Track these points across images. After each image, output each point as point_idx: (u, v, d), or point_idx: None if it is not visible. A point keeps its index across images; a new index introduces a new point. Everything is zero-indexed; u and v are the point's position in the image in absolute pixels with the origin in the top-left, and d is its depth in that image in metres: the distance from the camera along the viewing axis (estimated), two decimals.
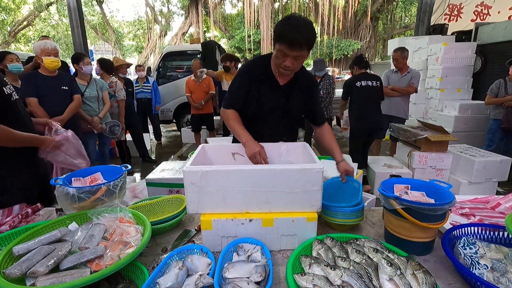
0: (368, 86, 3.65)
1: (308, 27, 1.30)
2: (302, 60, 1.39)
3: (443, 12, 7.02)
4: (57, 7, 18.20)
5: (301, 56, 1.35)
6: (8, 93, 1.50)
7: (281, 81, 1.55)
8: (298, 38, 1.28)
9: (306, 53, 1.35)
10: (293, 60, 1.36)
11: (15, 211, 1.43)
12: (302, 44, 1.30)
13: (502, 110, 3.83)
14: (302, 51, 1.32)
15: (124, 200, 1.44)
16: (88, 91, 3.40)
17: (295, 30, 1.28)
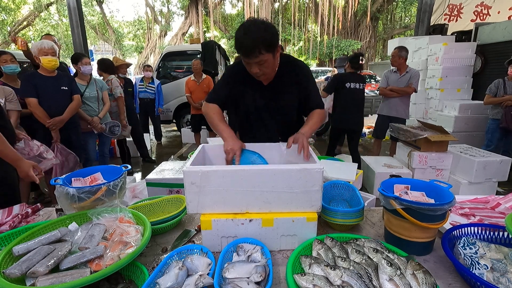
0: (356, 89, 3.88)
1: (259, 28, 1.26)
2: (268, 63, 1.34)
3: (443, 12, 7.02)
4: (57, 7, 18.21)
5: (263, 61, 1.31)
6: None
7: (264, 81, 1.53)
8: (248, 45, 1.26)
9: (267, 56, 1.30)
10: (258, 65, 1.33)
11: (15, 211, 1.43)
12: (254, 49, 1.26)
13: (500, 110, 3.82)
14: (260, 56, 1.28)
15: (124, 200, 1.44)
16: (88, 91, 3.40)
17: (244, 37, 1.26)
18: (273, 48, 1.31)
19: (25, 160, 1.59)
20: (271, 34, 1.29)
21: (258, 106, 1.56)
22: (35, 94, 2.71)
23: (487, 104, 4.03)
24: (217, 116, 1.50)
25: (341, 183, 1.57)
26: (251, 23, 1.28)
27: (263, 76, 1.43)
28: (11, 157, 1.54)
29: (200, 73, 5.26)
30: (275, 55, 1.36)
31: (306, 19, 20.51)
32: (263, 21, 1.30)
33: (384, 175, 3.16)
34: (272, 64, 1.38)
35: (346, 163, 3.20)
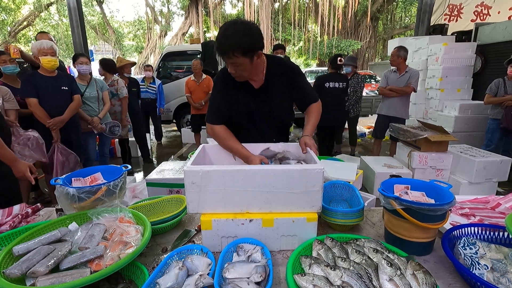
0: (335, 88, 4.19)
1: (238, 31, 1.25)
2: (244, 67, 1.34)
3: (443, 12, 7.01)
4: (57, 7, 18.19)
5: (237, 63, 1.32)
6: None
7: (255, 85, 1.53)
8: (222, 46, 1.28)
9: (242, 59, 1.30)
10: (233, 66, 1.35)
11: (15, 211, 1.43)
12: (229, 51, 1.27)
13: (501, 109, 3.82)
14: (234, 58, 1.29)
15: (124, 200, 1.44)
16: (88, 91, 3.40)
17: (221, 38, 1.27)
18: (250, 53, 1.31)
19: (21, 161, 1.61)
20: (250, 39, 1.27)
21: (250, 110, 1.56)
22: (35, 94, 2.71)
23: (488, 103, 4.03)
24: (227, 138, 1.49)
25: (341, 183, 1.57)
26: (231, 24, 1.28)
27: (239, 78, 1.45)
28: (7, 157, 1.56)
29: (200, 73, 5.26)
30: (253, 60, 1.34)
31: (306, 19, 20.50)
32: (246, 24, 1.29)
33: (384, 175, 3.16)
34: (249, 68, 1.37)
35: (346, 163, 3.20)
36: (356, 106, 4.90)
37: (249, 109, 1.56)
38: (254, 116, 1.58)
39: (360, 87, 4.77)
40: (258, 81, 1.53)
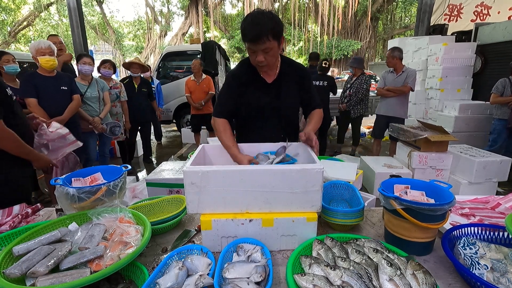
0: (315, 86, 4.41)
1: (267, 17, 1.31)
2: (273, 51, 1.38)
3: (443, 12, 7.02)
4: (57, 7, 18.19)
5: (269, 48, 1.35)
6: (11, 93, 1.58)
7: (268, 79, 1.56)
8: (257, 31, 1.30)
9: (273, 43, 1.35)
10: (263, 53, 1.37)
11: (15, 211, 1.43)
12: (263, 36, 1.31)
13: (507, 109, 3.81)
14: (267, 42, 1.33)
15: (124, 200, 1.44)
16: (89, 92, 3.40)
17: (253, 24, 1.31)
18: (278, 37, 1.36)
19: (41, 155, 1.69)
20: (277, 22, 1.34)
21: (261, 105, 1.57)
22: (35, 94, 2.71)
23: (494, 103, 4.01)
24: (225, 132, 1.50)
25: (341, 183, 1.57)
26: (257, 12, 1.34)
27: (266, 66, 1.46)
28: (27, 152, 1.60)
29: (200, 73, 5.26)
30: (280, 45, 1.40)
31: (306, 19, 20.51)
32: (269, 11, 1.36)
33: (384, 175, 3.16)
34: (276, 54, 1.42)
35: (346, 163, 3.20)
36: (357, 107, 4.88)
37: (260, 103, 1.57)
38: (264, 111, 1.58)
39: (362, 88, 4.76)
40: (272, 75, 1.56)
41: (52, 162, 1.74)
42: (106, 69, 4.05)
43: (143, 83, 4.80)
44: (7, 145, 1.50)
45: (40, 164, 1.69)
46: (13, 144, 1.51)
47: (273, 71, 1.56)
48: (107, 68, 4.05)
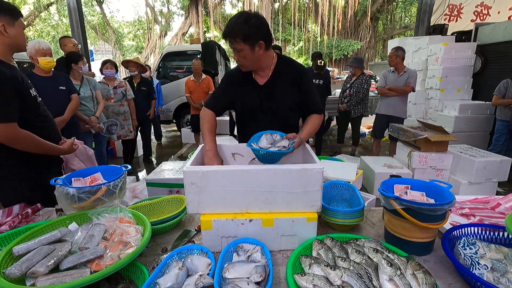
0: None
1: (242, 19, 1.32)
2: (244, 54, 1.38)
3: (443, 12, 7.02)
4: (57, 7, 18.19)
5: (238, 49, 1.37)
6: (34, 95, 1.59)
7: (260, 81, 1.55)
8: (226, 30, 1.36)
9: (243, 46, 1.35)
10: (236, 53, 1.40)
11: (15, 211, 1.43)
12: (231, 36, 1.34)
13: (509, 111, 3.82)
14: (235, 43, 1.35)
15: (124, 200, 1.44)
16: (83, 91, 3.38)
17: (228, 23, 1.35)
18: (250, 41, 1.35)
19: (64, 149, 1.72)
20: (251, 26, 1.32)
21: (253, 106, 1.58)
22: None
23: (496, 105, 4.03)
24: (207, 124, 1.54)
25: (341, 183, 1.57)
26: (239, 13, 1.37)
27: (242, 67, 1.49)
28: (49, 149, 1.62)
29: (200, 73, 5.26)
30: (255, 49, 1.38)
31: (306, 19, 20.52)
32: (249, 14, 1.35)
33: (384, 175, 3.16)
34: (249, 57, 1.41)
35: (346, 163, 3.20)
36: (357, 107, 4.89)
37: (253, 105, 1.57)
38: (257, 113, 1.59)
39: (363, 88, 4.76)
40: (264, 77, 1.55)
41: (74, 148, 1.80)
42: (108, 70, 4.05)
43: (143, 82, 4.79)
44: (24, 146, 1.49)
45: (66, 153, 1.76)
46: (30, 144, 1.49)
47: (265, 72, 1.54)
48: (109, 69, 4.06)
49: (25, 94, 1.48)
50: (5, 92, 1.37)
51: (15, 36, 1.48)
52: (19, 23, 1.50)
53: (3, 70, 1.39)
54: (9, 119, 1.39)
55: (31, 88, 1.57)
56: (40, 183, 1.55)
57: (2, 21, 1.41)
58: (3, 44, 1.46)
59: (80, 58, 3.37)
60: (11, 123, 1.40)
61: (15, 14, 1.47)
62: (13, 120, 1.40)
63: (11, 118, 1.39)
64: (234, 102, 1.62)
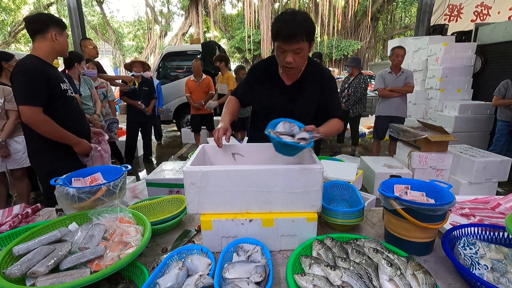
0: None
1: (302, 18, 1.28)
2: (303, 53, 1.35)
3: (443, 13, 7.02)
4: (57, 7, 18.20)
5: (300, 49, 1.32)
6: (64, 89, 1.81)
7: (287, 81, 1.53)
8: (293, 30, 1.26)
9: (305, 45, 1.32)
10: (293, 54, 1.33)
11: (15, 211, 1.43)
12: (298, 36, 1.27)
13: (509, 112, 3.83)
14: (300, 43, 1.29)
15: (124, 200, 1.44)
16: (82, 90, 3.40)
17: (289, 23, 1.27)
18: (310, 39, 1.33)
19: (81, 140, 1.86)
20: (312, 24, 1.31)
21: (271, 105, 1.56)
22: None
23: (496, 105, 4.04)
24: (227, 106, 1.61)
25: (341, 183, 1.57)
26: (293, 12, 1.30)
27: (294, 69, 1.41)
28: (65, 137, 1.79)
29: (200, 74, 5.26)
30: (310, 48, 1.36)
31: None
32: (305, 12, 1.33)
33: (384, 175, 3.16)
34: (305, 56, 1.39)
35: (346, 163, 3.20)
36: (356, 107, 4.90)
37: (270, 103, 1.56)
38: (272, 111, 1.54)
39: (361, 88, 4.77)
40: (292, 78, 1.52)
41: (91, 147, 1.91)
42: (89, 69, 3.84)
43: (144, 82, 4.79)
44: (44, 130, 1.70)
45: (80, 148, 1.85)
46: (50, 129, 1.70)
47: (295, 74, 1.51)
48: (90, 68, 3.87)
49: (52, 86, 1.70)
50: (35, 81, 1.63)
51: (62, 44, 1.79)
52: (65, 34, 1.81)
53: (34, 62, 1.67)
54: (35, 103, 1.63)
55: (63, 83, 1.82)
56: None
57: (54, 31, 1.73)
58: (51, 48, 1.75)
59: (83, 59, 3.38)
60: (36, 107, 1.64)
61: (62, 25, 1.78)
62: (38, 105, 1.64)
63: (37, 103, 1.64)
64: (254, 96, 1.60)
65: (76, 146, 1.83)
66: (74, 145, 1.83)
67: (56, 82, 1.74)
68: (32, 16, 1.75)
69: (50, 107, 1.70)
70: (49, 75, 1.69)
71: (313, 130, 1.19)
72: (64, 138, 1.78)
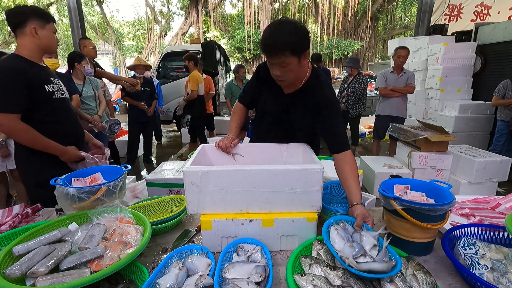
0: None
1: (288, 30, 1.16)
2: (291, 67, 1.23)
3: (443, 12, 7.01)
4: (57, 7, 18.20)
5: (285, 63, 1.21)
6: (50, 91, 1.58)
7: (286, 90, 1.46)
8: (272, 43, 1.18)
9: (291, 59, 1.20)
10: (280, 68, 1.24)
11: (15, 211, 1.43)
12: (279, 49, 1.17)
13: (509, 112, 3.83)
14: (283, 57, 1.19)
15: (124, 200, 1.44)
16: (86, 90, 3.39)
17: (271, 35, 1.18)
18: (298, 53, 1.21)
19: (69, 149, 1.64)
20: (299, 37, 1.19)
21: (268, 111, 1.55)
22: None
23: (495, 105, 4.05)
24: (233, 115, 1.65)
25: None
26: (280, 22, 1.21)
27: (284, 82, 1.33)
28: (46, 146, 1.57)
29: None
30: (301, 61, 1.25)
31: (306, 19, 20.49)
32: (294, 23, 1.20)
33: (384, 175, 3.16)
34: (295, 70, 1.27)
35: None
36: (356, 107, 4.91)
37: (267, 108, 1.55)
38: (269, 117, 1.54)
39: (360, 87, 4.77)
40: (291, 88, 1.43)
41: (81, 155, 1.68)
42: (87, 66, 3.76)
43: (145, 82, 4.79)
44: (22, 139, 1.53)
45: (67, 158, 1.65)
46: (27, 137, 1.50)
47: (295, 83, 1.40)
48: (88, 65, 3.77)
49: (35, 88, 1.50)
50: (12, 84, 1.42)
51: (45, 38, 1.55)
52: (50, 27, 1.57)
53: (13, 63, 1.46)
54: (11, 110, 1.42)
55: (50, 84, 1.59)
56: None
57: (33, 24, 1.49)
58: (34, 45, 1.53)
59: (83, 58, 3.37)
60: (12, 114, 1.43)
61: (46, 18, 1.55)
62: (15, 111, 1.44)
63: (13, 110, 1.43)
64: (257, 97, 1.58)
65: (61, 156, 1.63)
66: (59, 155, 1.62)
67: (41, 84, 1.54)
68: (11, 9, 1.52)
69: (32, 112, 1.51)
70: (32, 76, 1.49)
71: (367, 221, 1.07)
72: (47, 148, 1.57)
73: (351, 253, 0.89)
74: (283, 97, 1.47)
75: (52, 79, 1.63)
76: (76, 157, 1.67)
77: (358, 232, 1.01)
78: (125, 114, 4.88)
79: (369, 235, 0.98)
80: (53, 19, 1.60)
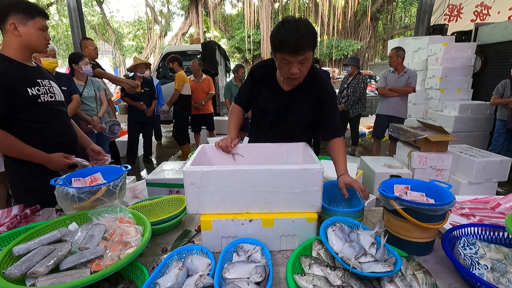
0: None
1: (306, 27, 1.22)
2: (308, 62, 1.30)
3: (443, 12, 7.01)
4: (57, 7, 18.19)
5: (306, 59, 1.27)
6: (34, 94, 1.45)
7: (286, 88, 1.49)
8: (299, 42, 1.21)
9: (310, 54, 1.27)
10: (299, 65, 1.28)
11: (14, 212, 1.43)
12: (304, 47, 1.22)
13: (507, 111, 3.83)
14: (306, 54, 1.25)
15: (124, 200, 1.44)
16: (86, 91, 3.40)
17: (294, 34, 1.20)
18: (314, 47, 1.29)
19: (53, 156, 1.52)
20: (314, 32, 1.26)
21: (267, 110, 1.56)
22: None
23: (493, 104, 4.05)
24: (231, 117, 1.66)
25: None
26: (294, 21, 1.23)
27: (298, 79, 1.37)
28: (38, 157, 1.48)
29: (199, 74, 5.27)
30: (313, 55, 1.33)
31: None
32: (304, 20, 1.27)
33: (384, 175, 3.16)
34: (310, 64, 1.34)
35: None
36: (355, 106, 4.91)
37: (266, 108, 1.55)
38: (268, 117, 1.56)
39: (360, 87, 4.78)
40: (291, 84, 1.47)
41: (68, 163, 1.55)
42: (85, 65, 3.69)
43: (145, 82, 4.79)
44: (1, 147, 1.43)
45: (53, 166, 1.53)
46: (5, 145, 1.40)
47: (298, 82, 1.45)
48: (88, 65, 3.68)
49: (14, 92, 1.38)
50: None
51: (27, 35, 1.41)
52: (34, 23, 1.42)
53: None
54: None
55: (35, 86, 1.47)
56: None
57: (13, 20, 1.37)
58: (17, 43, 1.42)
59: (82, 58, 3.37)
60: None
61: (29, 13, 1.40)
62: None
63: None
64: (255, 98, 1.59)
65: (46, 164, 1.51)
66: (43, 163, 1.50)
67: (23, 87, 1.41)
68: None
69: (13, 117, 1.40)
70: (12, 80, 1.37)
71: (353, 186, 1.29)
72: (27, 156, 1.46)
73: (351, 253, 0.89)
74: (283, 95, 1.50)
75: (39, 81, 1.51)
76: (63, 165, 1.54)
77: (355, 232, 1.01)
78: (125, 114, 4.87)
79: (366, 234, 0.99)
80: (41, 14, 1.45)
